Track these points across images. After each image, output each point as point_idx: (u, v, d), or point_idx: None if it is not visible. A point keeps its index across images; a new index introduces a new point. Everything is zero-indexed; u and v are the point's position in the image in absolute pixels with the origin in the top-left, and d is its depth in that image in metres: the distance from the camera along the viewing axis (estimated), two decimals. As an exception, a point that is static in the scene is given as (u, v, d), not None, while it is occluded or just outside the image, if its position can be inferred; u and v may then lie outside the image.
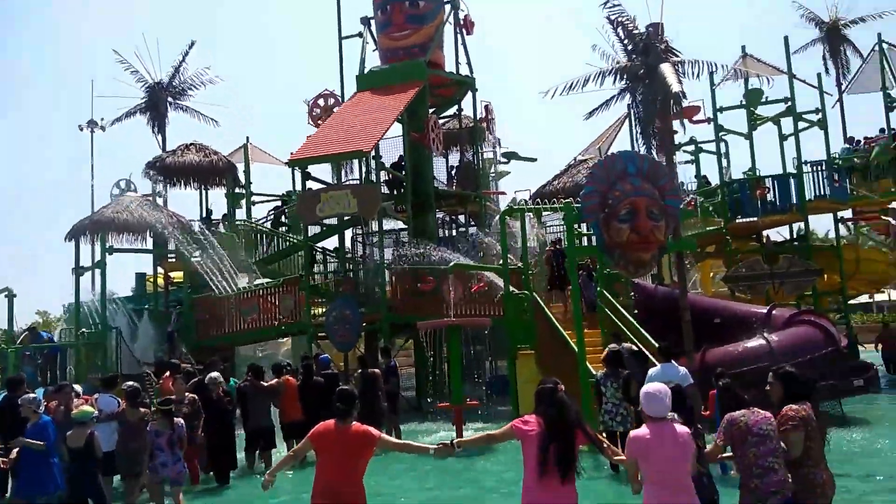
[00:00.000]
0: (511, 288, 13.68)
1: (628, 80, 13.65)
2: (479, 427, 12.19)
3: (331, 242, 22.04)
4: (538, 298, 13.43)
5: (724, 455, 5.01)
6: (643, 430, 4.53)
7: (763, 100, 20.33)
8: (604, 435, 8.01)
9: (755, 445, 4.68)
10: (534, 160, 26.83)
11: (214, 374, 9.99)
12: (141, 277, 22.52)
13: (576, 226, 11.75)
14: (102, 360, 16.54)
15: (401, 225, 22.04)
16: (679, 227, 11.77)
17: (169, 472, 8.22)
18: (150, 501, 8.51)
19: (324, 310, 17.99)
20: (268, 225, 21.75)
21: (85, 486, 7.47)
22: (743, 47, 21.10)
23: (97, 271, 18.33)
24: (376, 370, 11.95)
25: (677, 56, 12.31)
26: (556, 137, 73.75)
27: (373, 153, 18.06)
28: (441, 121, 21.73)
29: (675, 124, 20.23)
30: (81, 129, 31.20)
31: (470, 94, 22.13)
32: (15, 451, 7.86)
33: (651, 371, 8.93)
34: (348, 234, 22.02)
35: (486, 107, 22.69)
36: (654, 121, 13.87)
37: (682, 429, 4.56)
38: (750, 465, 4.69)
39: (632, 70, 12.79)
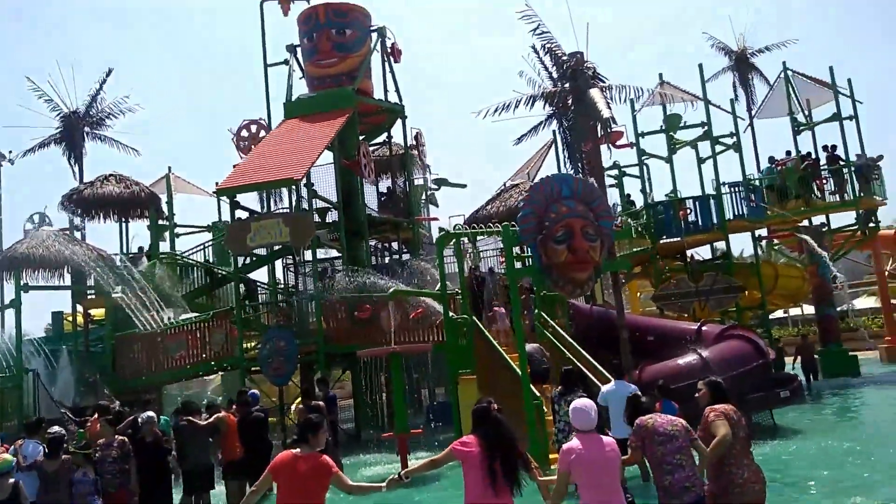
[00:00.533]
0: (450, 313, 13.68)
1: (555, 106, 14.06)
2: (423, 455, 12.02)
3: (260, 274, 21.58)
4: (478, 322, 13.44)
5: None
6: (574, 442, 4.82)
7: (682, 124, 21.25)
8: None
9: (662, 444, 5.11)
10: (464, 186, 27.14)
11: (148, 413, 9.49)
12: (58, 316, 21.34)
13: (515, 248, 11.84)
14: (18, 404, 15.50)
15: (333, 253, 21.77)
16: (614, 247, 12.04)
17: None
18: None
19: (257, 343, 17.47)
20: (196, 257, 21.03)
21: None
22: (660, 74, 22.06)
23: (11, 310, 17.24)
24: (320, 402, 11.63)
25: (603, 81, 12.72)
26: (487, 163, 74.96)
27: (304, 181, 17.79)
28: (371, 148, 21.69)
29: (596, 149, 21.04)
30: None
31: (399, 121, 22.24)
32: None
33: (605, 387, 9.37)
34: (279, 264, 21.64)
35: (417, 134, 22.81)
36: (582, 144, 14.28)
37: (608, 439, 4.94)
38: (660, 462, 5.11)
39: (560, 95, 13.13)
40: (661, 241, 19.18)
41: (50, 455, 8.05)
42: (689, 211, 19.72)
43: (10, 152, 29.19)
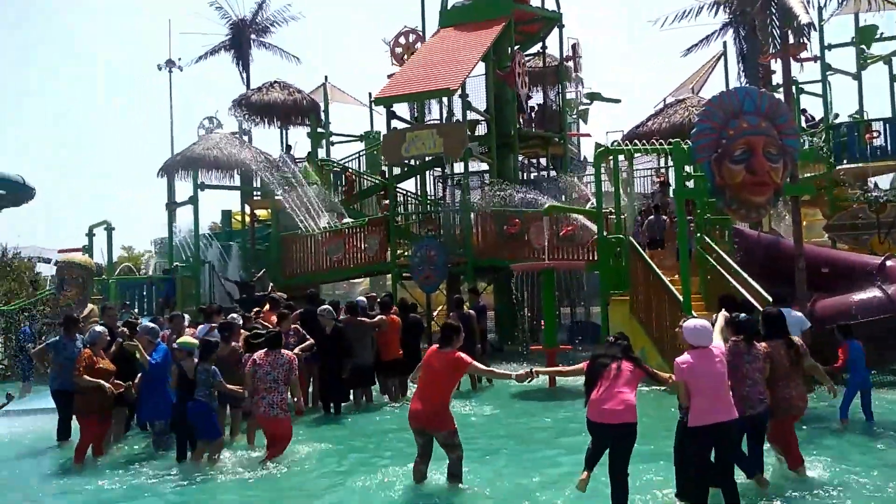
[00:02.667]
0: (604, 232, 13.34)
1: (734, 14, 12.82)
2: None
3: (409, 184, 21.99)
4: (634, 242, 13.01)
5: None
6: (687, 357, 5.53)
7: (877, 36, 18.88)
8: None
9: (749, 363, 6.00)
10: (618, 101, 25.87)
11: (326, 306, 10.08)
12: (227, 214, 22.99)
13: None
14: (196, 292, 17.06)
15: (482, 167, 21.74)
16: (797, 170, 11.07)
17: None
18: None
19: (407, 251, 17.99)
20: (353, 164, 21.72)
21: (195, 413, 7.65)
22: (855, -22, 19.55)
23: (188, 207, 18.72)
24: (471, 311, 11.88)
25: (799, -16, 11.36)
26: (636, 77, 71.10)
27: (459, 91, 17.65)
28: (524, 58, 21.04)
29: (773, 63, 19.17)
30: (160, 69, 31.77)
31: (556, 30, 21.35)
32: (138, 378, 8.18)
33: None
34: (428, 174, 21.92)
35: (574, 45, 21.86)
36: (759, 56, 13.03)
37: (717, 352, 5.58)
38: (744, 377, 5.94)
39: (750, 0, 11.90)
40: (841, 167, 17.48)
41: (224, 340, 8.66)
42: (876, 134, 17.76)
43: (179, 59, 31.23)
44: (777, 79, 20.17)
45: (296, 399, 8.02)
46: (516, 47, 20.09)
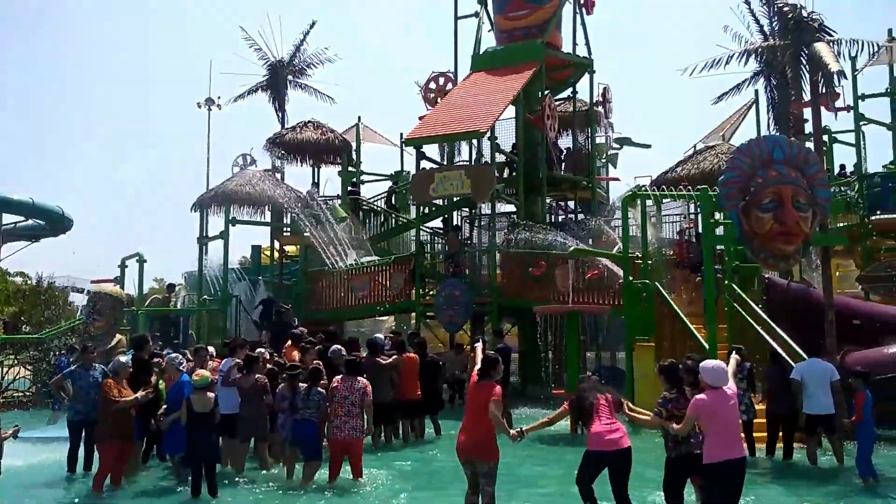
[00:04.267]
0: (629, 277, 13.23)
1: (764, 63, 12.85)
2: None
3: (437, 224, 22.11)
4: (660, 288, 12.88)
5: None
6: (704, 396, 5.75)
7: (912, 86, 18.71)
8: None
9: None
10: (648, 146, 25.85)
11: (337, 346, 10.11)
12: (257, 249, 23.31)
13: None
14: (223, 325, 17.23)
15: (509, 208, 21.81)
16: (826, 220, 10.94)
17: (287, 432, 8.58)
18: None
19: (432, 290, 18.02)
20: (380, 203, 21.96)
21: (207, 448, 7.69)
22: (889, 30, 19.50)
23: (219, 242, 19.03)
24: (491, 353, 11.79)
25: (831, 35, 11.36)
26: (667, 123, 71.16)
27: (488, 134, 17.84)
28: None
29: (806, 112, 19.04)
30: (200, 107, 32.69)
31: (587, 75, 21.55)
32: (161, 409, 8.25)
33: (800, 364, 9.21)
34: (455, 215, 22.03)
35: (604, 90, 22.02)
36: (791, 106, 12.98)
37: (731, 393, 5.80)
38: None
39: (776, 50, 11.93)
40: (875, 217, 17.17)
41: (246, 372, 8.83)
42: (911, 185, 17.44)
43: (219, 97, 32.13)
44: (809, 128, 20.05)
45: (367, 420, 8.49)
46: (547, 92, 20.31)
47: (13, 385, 16.43)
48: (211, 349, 10.27)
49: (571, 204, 23.75)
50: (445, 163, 21.49)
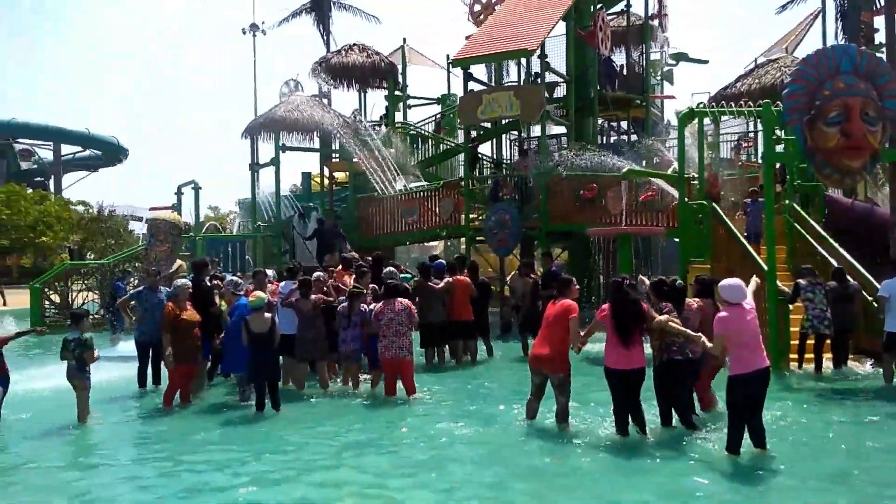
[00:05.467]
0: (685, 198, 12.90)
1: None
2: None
3: (485, 147, 21.85)
4: (717, 208, 12.54)
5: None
6: (726, 313, 5.94)
7: None
8: (812, 338, 9.75)
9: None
10: (705, 62, 24.80)
11: (391, 268, 10.24)
12: (307, 176, 23.49)
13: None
14: (278, 251, 17.59)
15: (559, 129, 21.33)
16: (898, 134, 10.35)
17: (346, 347, 8.96)
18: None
19: (481, 215, 17.96)
20: (429, 128, 21.73)
21: (268, 366, 7.97)
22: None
23: (270, 168, 19.23)
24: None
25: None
26: (726, 37, 67.66)
27: (537, 52, 17.29)
28: (607, 18, 20.35)
29: (878, 21, 17.83)
30: (244, 33, 32.54)
31: (642, -13, 20.55)
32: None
33: (886, 282, 9.21)
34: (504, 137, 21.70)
35: (660, 2, 20.99)
36: (861, 14, 12.15)
37: (749, 307, 5.99)
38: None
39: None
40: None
41: (303, 295, 9.09)
42: None
43: (263, 23, 31.90)
44: (880, 37, 18.83)
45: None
46: (599, 6, 19.46)
47: (83, 308, 17.24)
48: (271, 273, 10.51)
49: (624, 124, 23.10)
50: (493, 84, 21.00)
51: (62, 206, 39.93)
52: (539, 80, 18.00)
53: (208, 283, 9.52)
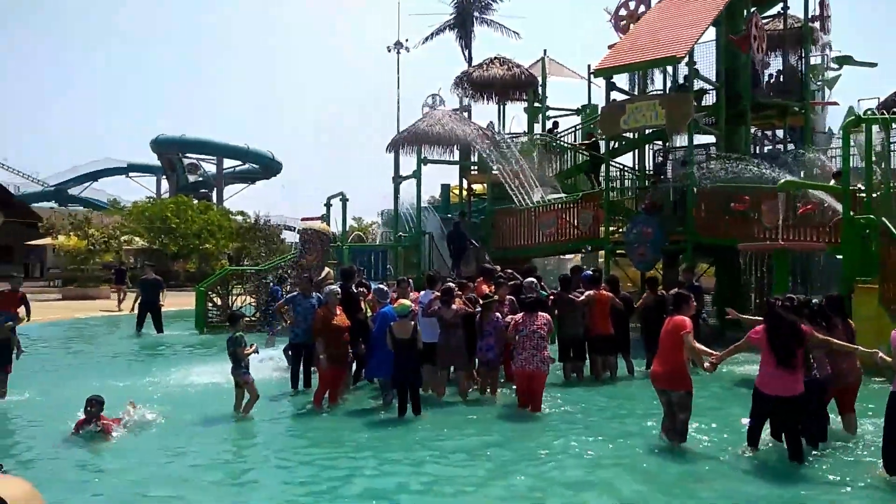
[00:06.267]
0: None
1: None
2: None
3: (626, 158, 21.30)
4: (888, 224, 11.47)
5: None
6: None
7: None
8: None
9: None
10: (873, 65, 22.76)
11: (531, 279, 10.21)
12: (446, 188, 23.99)
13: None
14: (417, 260, 18.07)
15: (707, 139, 20.39)
16: None
17: (482, 356, 9.17)
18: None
19: (621, 227, 17.50)
20: (569, 139, 21.52)
21: (409, 371, 8.18)
22: None
23: (411, 181, 19.81)
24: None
25: None
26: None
27: (685, 59, 16.64)
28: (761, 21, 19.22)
29: None
30: (389, 51, 33.77)
31: (801, -13, 19.24)
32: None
33: None
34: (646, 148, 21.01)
35: (821, 2, 19.55)
36: None
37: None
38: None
39: None
40: None
41: (445, 303, 9.27)
42: None
43: (407, 40, 32.99)
44: None
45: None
46: (753, 9, 18.42)
47: (240, 311, 18.55)
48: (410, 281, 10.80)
49: (780, 133, 21.67)
50: (637, 93, 20.43)
51: (223, 215, 43.23)
52: (687, 88, 17.31)
53: (355, 290, 9.95)
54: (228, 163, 62.84)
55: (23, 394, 9.45)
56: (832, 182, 13.81)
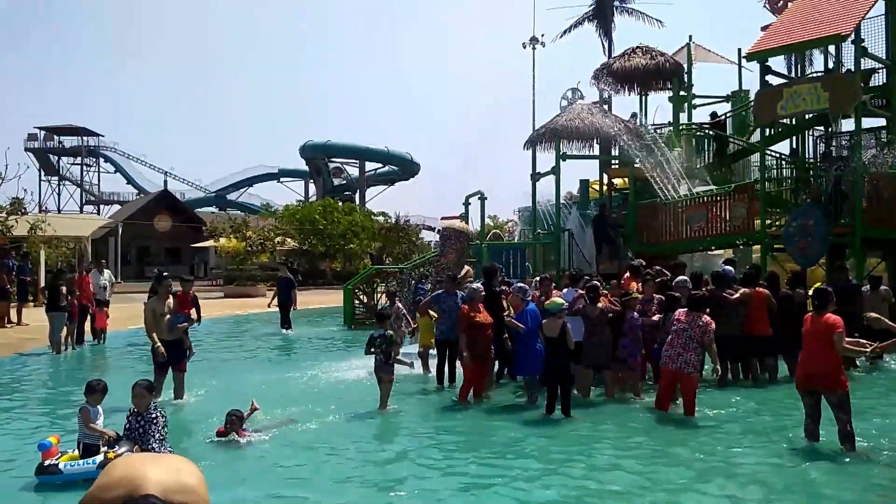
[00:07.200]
0: None
1: None
2: None
3: (782, 146, 19.86)
4: None
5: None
6: None
7: None
8: None
9: None
10: None
11: (683, 277, 9.74)
12: (584, 183, 23.45)
13: None
14: (556, 257, 17.82)
15: (876, 123, 18.56)
16: None
17: (620, 354, 9.05)
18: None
19: (779, 220, 16.31)
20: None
21: (559, 370, 8.03)
22: None
23: (550, 177, 19.54)
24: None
25: None
26: None
27: (851, 37, 15.21)
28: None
29: None
30: (524, 47, 33.58)
31: None
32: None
33: None
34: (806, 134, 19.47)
35: None
36: None
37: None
38: None
39: None
40: None
41: (591, 301, 9.05)
42: None
43: (542, 35, 32.66)
44: None
45: (714, 364, 8.24)
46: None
47: (386, 308, 19.14)
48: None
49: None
50: (795, 76, 18.95)
51: (366, 216, 44.97)
52: (853, 68, 15.83)
53: (497, 288, 9.94)
54: (370, 165, 65.32)
55: (199, 392, 9.73)
56: None
